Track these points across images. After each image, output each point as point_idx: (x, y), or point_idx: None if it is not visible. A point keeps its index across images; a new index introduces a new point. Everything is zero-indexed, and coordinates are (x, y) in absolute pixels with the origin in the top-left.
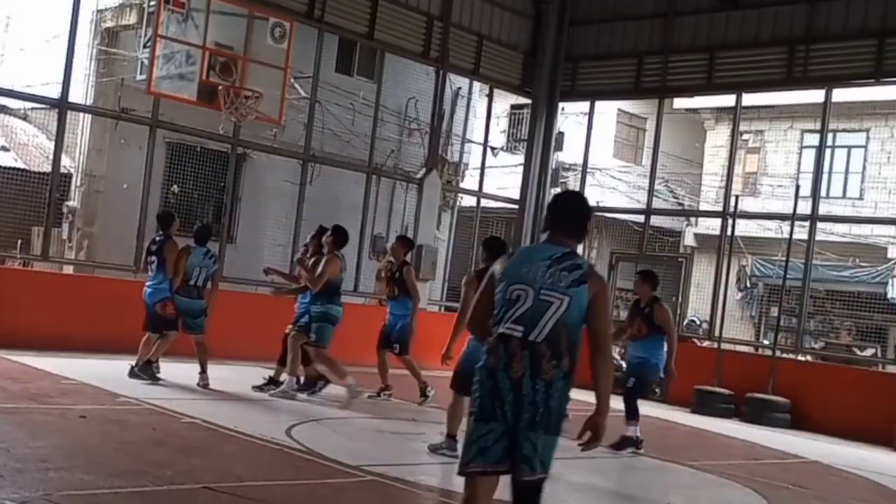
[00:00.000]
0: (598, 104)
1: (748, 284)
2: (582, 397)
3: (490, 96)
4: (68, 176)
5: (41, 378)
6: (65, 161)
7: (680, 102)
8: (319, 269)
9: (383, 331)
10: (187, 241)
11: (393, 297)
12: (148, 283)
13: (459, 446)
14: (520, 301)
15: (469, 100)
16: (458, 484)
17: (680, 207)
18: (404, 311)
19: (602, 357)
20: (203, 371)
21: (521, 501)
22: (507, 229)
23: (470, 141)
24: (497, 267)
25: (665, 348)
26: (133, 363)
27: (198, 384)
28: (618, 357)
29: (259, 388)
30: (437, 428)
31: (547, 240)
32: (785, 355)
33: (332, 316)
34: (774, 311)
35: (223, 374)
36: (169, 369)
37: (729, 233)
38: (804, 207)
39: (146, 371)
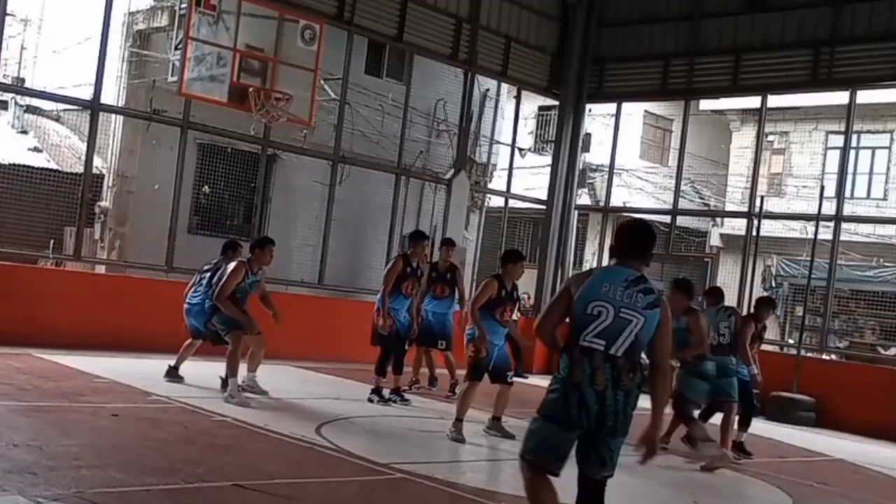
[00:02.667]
0: (625, 105)
1: (773, 284)
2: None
3: (518, 98)
4: (100, 177)
5: (73, 377)
6: (97, 162)
7: (706, 104)
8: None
9: (424, 328)
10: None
11: (443, 296)
12: (195, 302)
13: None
14: (601, 317)
15: (497, 101)
16: (487, 481)
17: (706, 208)
18: (446, 310)
19: (663, 377)
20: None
21: (589, 496)
22: (535, 230)
23: (498, 142)
24: (572, 282)
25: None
26: (172, 363)
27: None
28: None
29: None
30: (464, 426)
31: (618, 264)
32: (810, 354)
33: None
34: (799, 311)
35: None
36: (198, 369)
37: (754, 233)
38: (829, 208)
39: (174, 375)
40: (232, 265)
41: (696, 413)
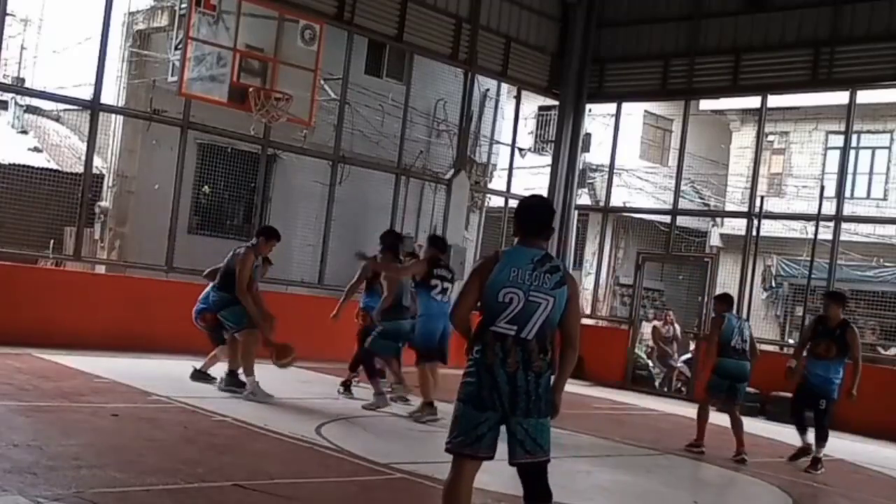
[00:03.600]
0: (625, 105)
1: (773, 284)
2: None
3: (518, 98)
4: (100, 177)
5: (73, 377)
6: (97, 162)
7: (706, 104)
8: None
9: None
10: (221, 241)
11: None
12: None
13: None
14: (512, 304)
15: (497, 101)
16: (486, 482)
17: (706, 208)
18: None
19: (573, 351)
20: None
21: (528, 483)
22: None
23: (498, 142)
24: (479, 269)
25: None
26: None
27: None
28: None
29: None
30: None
31: (522, 243)
32: None
33: None
34: (799, 311)
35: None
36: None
37: (754, 233)
38: (829, 208)
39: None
40: (241, 250)
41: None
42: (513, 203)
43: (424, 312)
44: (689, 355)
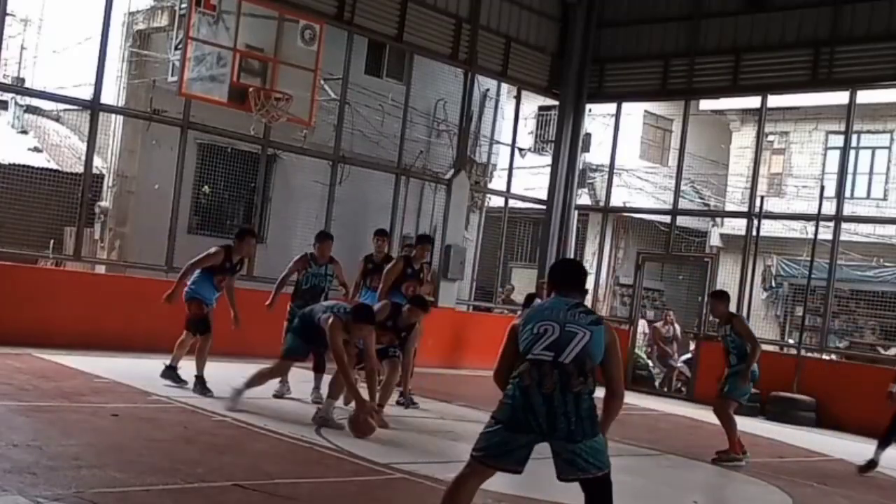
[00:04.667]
0: (625, 105)
1: (773, 284)
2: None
3: (518, 98)
4: (100, 176)
5: (73, 377)
6: (97, 162)
7: (706, 104)
8: None
9: None
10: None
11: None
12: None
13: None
14: (548, 333)
15: (497, 101)
16: (487, 481)
17: (706, 208)
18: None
19: (617, 400)
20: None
21: (589, 496)
22: (535, 230)
23: (498, 142)
24: (518, 322)
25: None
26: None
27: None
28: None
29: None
30: (463, 426)
31: (557, 296)
32: (810, 354)
33: None
34: (799, 311)
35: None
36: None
37: (754, 233)
38: (829, 208)
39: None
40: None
41: None
42: (513, 203)
43: None
44: (689, 355)
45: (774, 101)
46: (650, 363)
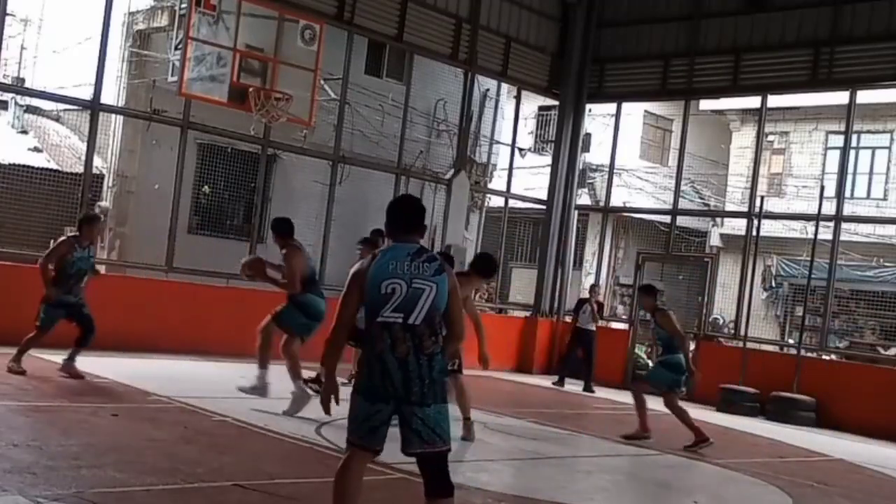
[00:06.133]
0: (625, 105)
1: (773, 284)
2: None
3: (518, 98)
4: (100, 176)
5: (73, 376)
6: (97, 162)
7: (706, 104)
8: None
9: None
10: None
11: None
12: None
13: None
14: (395, 293)
15: (497, 101)
16: (486, 481)
17: (706, 208)
18: None
19: (454, 342)
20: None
21: (428, 476)
22: (535, 230)
23: (498, 142)
24: (356, 275)
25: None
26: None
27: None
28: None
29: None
30: (462, 425)
31: (396, 241)
32: (810, 354)
33: None
34: (799, 311)
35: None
36: (199, 369)
37: (754, 233)
38: (829, 208)
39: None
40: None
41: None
42: (513, 203)
43: None
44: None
45: (774, 101)
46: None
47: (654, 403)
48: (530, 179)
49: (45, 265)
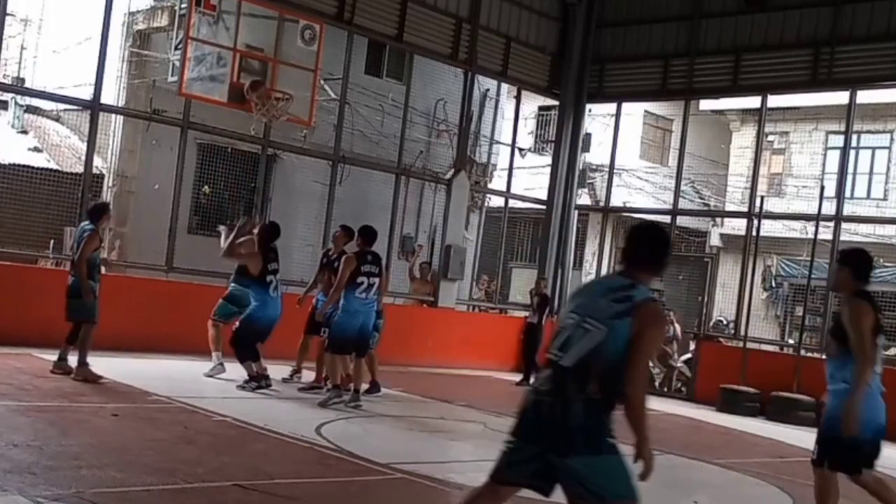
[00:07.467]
0: (625, 105)
1: (773, 284)
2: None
3: (518, 98)
4: (100, 176)
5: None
6: (97, 162)
7: (706, 104)
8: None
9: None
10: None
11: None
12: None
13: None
14: (567, 329)
15: (497, 101)
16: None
17: (706, 208)
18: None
19: (631, 410)
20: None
21: None
22: (535, 230)
23: (498, 142)
24: (571, 295)
25: None
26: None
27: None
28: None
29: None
30: (463, 426)
31: (619, 271)
32: (810, 354)
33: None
34: (799, 311)
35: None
36: (198, 369)
37: (754, 233)
38: (829, 208)
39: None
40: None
41: None
42: (513, 203)
43: (345, 308)
44: (689, 355)
45: (774, 101)
46: (650, 363)
47: (655, 403)
48: (530, 179)
49: (83, 264)
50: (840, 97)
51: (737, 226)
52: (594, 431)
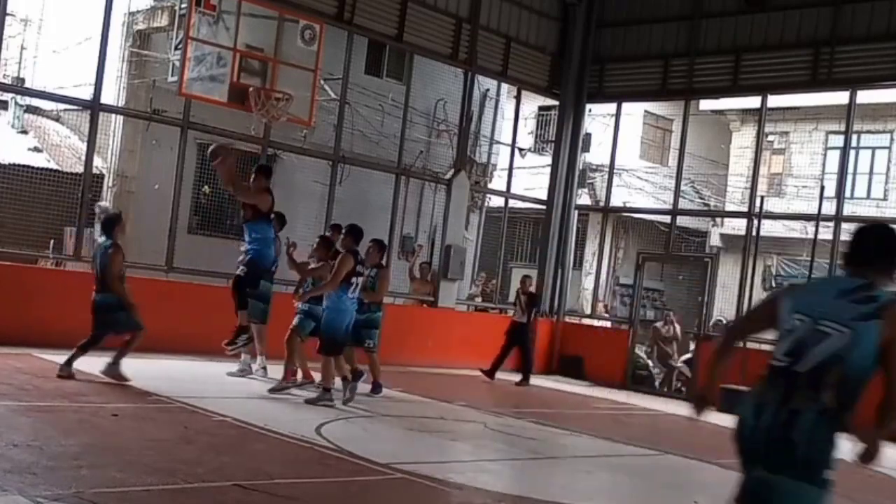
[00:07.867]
0: (625, 105)
1: (773, 284)
2: None
3: (518, 98)
4: (100, 176)
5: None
6: (97, 162)
7: (706, 104)
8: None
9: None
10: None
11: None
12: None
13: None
14: (795, 331)
15: (497, 101)
16: (485, 481)
17: (706, 208)
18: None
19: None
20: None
21: None
22: (535, 230)
23: (498, 142)
24: (782, 293)
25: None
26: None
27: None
28: None
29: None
30: (462, 426)
31: (846, 273)
32: None
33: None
34: None
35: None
36: (199, 369)
37: (754, 233)
38: (829, 208)
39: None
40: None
41: None
42: (513, 203)
43: (334, 306)
44: (689, 355)
45: (774, 101)
46: (650, 363)
47: (655, 403)
48: (530, 179)
49: (116, 284)
50: (840, 97)
51: (737, 226)
52: (818, 453)
